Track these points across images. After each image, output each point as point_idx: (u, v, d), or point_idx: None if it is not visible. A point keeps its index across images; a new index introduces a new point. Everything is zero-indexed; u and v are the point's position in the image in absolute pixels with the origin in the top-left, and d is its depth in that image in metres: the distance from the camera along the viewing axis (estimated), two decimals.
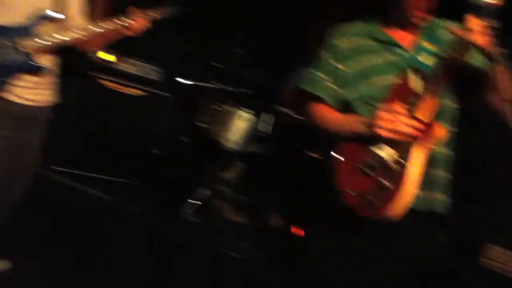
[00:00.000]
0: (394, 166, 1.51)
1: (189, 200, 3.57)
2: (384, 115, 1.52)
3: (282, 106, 3.86)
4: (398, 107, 1.53)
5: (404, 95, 1.56)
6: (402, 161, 1.50)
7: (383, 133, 1.51)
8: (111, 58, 3.72)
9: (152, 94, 3.86)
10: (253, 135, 3.81)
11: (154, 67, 3.85)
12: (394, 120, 1.50)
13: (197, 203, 3.58)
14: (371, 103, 1.67)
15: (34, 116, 2.28)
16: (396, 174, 1.50)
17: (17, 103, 2.18)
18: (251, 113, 3.83)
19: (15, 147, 2.24)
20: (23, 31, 2.10)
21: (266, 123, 3.84)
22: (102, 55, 3.62)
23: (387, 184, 1.51)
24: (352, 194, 1.58)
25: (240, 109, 3.83)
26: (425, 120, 1.51)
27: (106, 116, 3.71)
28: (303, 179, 3.33)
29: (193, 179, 3.71)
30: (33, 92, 2.21)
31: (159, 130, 3.90)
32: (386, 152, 1.53)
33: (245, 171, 3.66)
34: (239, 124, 3.83)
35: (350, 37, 1.78)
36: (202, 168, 3.81)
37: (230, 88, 3.92)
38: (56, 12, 2.15)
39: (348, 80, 1.73)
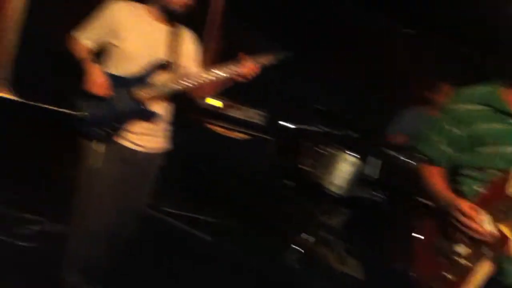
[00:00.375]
0: (463, 262, 1.55)
1: (292, 246, 3.48)
2: (467, 209, 1.56)
3: (388, 149, 3.66)
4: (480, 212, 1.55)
5: (498, 196, 1.56)
6: (471, 262, 1.53)
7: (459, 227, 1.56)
8: (218, 103, 3.83)
9: (256, 137, 3.87)
10: (359, 180, 3.65)
11: (259, 111, 3.89)
12: (474, 219, 1.53)
13: (300, 249, 3.47)
14: (478, 172, 1.70)
15: (146, 162, 2.35)
16: (462, 269, 1.54)
17: (130, 148, 2.28)
18: (356, 156, 3.71)
19: (125, 191, 2.33)
20: (139, 80, 2.23)
21: (373, 167, 3.66)
22: (209, 100, 3.74)
23: (451, 276, 1.55)
24: (419, 271, 1.68)
25: (345, 153, 3.71)
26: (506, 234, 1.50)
27: (211, 159, 3.78)
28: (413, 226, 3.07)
29: (297, 224, 3.61)
30: (146, 139, 2.30)
31: (263, 173, 3.87)
32: (461, 246, 1.58)
33: (351, 217, 3.46)
34: (344, 168, 3.71)
35: (467, 103, 1.78)
36: (305, 212, 3.70)
37: (335, 131, 3.81)
38: (170, 61, 2.26)
39: (462, 144, 1.76)
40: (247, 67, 2.15)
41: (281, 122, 3.99)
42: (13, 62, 3.69)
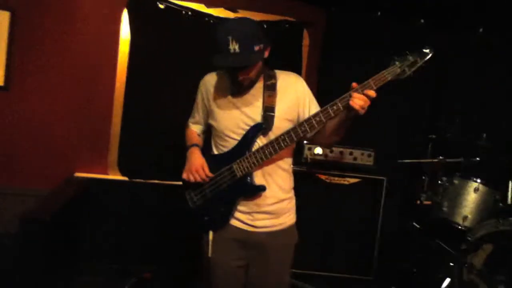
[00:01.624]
0: None
1: None
2: None
3: None
4: None
5: None
6: None
7: None
8: (318, 151, 3.67)
9: (366, 179, 3.63)
10: (496, 209, 3.24)
11: (366, 151, 3.67)
12: None
13: None
14: None
15: (264, 243, 2.09)
16: None
17: (246, 230, 2.08)
18: (483, 183, 3.33)
19: (257, 277, 2.13)
20: (239, 153, 2.04)
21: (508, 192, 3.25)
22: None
23: None
24: None
25: (472, 180, 3.35)
26: None
27: (323, 211, 3.59)
28: None
29: (434, 269, 3.26)
30: (259, 217, 2.07)
31: (385, 217, 3.60)
32: None
33: (496, 253, 3.04)
34: (473, 198, 3.34)
35: None
36: (442, 255, 3.34)
37: (454, 159, 3.47)
38: (262, 124, 2.03)
39: None
40: (360, 96, 1.84)
41: (397, 160, 3.69)
42: (119, 145, 3.86)
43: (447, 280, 3.17)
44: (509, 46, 4.07)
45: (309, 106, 2.11)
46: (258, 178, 2.04)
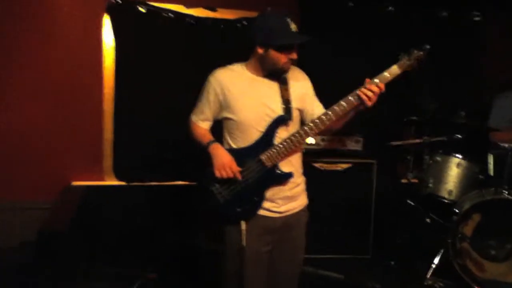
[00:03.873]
0: None
1: (432, 266, 3.36)
2: None
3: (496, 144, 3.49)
4: None
5: None
6: None
7: None
8: (309, 140, 3.83)
9: (357, 164, 3.81)
10: (478, 181, 3.50)
11: (354, 137, 3.86)
12: None
13: (437, 267, 3.34)
14: None
15: (290, 226, 2.26)
16: None
17: (272, 217, 2.21)
18: (464, 158, 3.57)
19: (280, 256, 2.28)
20: (264, 145, 2.14)
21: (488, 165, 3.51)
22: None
23: None
24: None
25: (453, 156, 3.59)
26: None
27: (319, 197, 3.73)
28: None
29: (428, 242, 3.49)
30: (285, 203, 2.21)
31: (378, 198, 3.80)
32: None
33: (484, 221, 3.29)
34: (455, 172, 3.58)
35: None
36: (435, 228, 3.57)
37: (436, 138, 3.70)
38: (288, 112, 2.16)
39: None
40: (371, 90, 2.02)
41: (386, 143, 3.89)
42: (113, 150, 3.89)
43: (441, 251, 3.41)
44: (475, 26, 4.36)
45: (313, 99, 2.31)
46: (284, 166, 2.17)
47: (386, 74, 2.09)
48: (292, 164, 2.22)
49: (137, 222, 3.76)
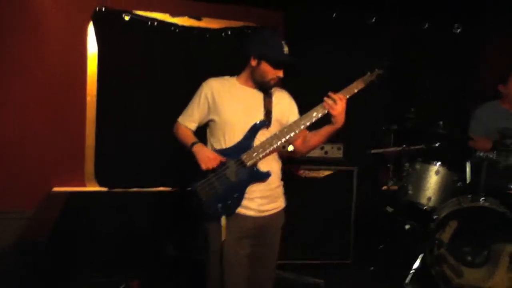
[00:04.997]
0: None
1: (411, 271, 3.42)
2: None
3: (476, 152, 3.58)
4: None
5: None
6: None
7: None
8: (290, 148, 3.87)
9: (338, 171, 3.88)
10: (456, 189, 3.58)
11: (335, 144, 3.93)
12: None
13: (416, 273, 3.41)
14: None
15: (268, 226, 2.41)
16: None
17: (252, 216, 2.35)
18: (443, 166, 3.65)
19: (258, 258, 2.41)
20: (244, 146, 2.33)
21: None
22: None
23: None
24: None
25: (432, 164, 3.67)
26: None
27: (301, 204, 3.78)
28: None
29: (407, 248, 3.55)
30: (263, 202, 2.37)
31: (358, 204, 3.87)
32: None
33: (461, 228, 3.36)
34: (434, 180, 3.66)
35: None
36: (413, 234, 3.64)
37: (416, 147, 3.78)
38: (268, 120, 2.37)
39: None
40: (336, 101, 2.21)
41: (368, 151, 3.96)
42: (95, 156, 3.89)
43: (420, 256, 3.47)
44: (455, 39, 4.48)
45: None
46: (262, 166, 2.34)
47: (351, 88, 2.32)
48: (271, 167, 2.38)
49: (120, 228, 3.76)
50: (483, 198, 3.31)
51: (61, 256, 3.31)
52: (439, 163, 3.66)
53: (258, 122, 2.34)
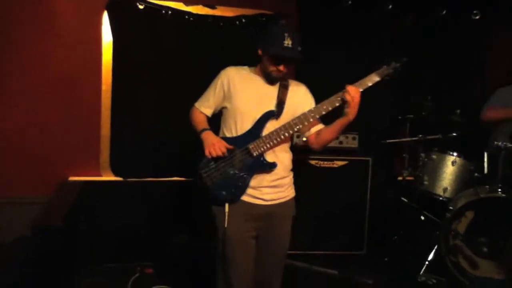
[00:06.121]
0: None
1: (425, 263, 3.39)
2: None
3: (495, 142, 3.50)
4: None
5: None
6: None
7: None
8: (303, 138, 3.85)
9: (353, 161, 3.85)
10: (472, 179, 3.52)
11: (350, 134, 3.89)
12: None
13: (430, 264, 3.38)
14: None
15: (274, 215, 2.40)
16: None
17: (256, 204, 2.36)
18: (459, 156, 3.60)
19: (265, 245, 2.42)
20: (253, 135, 2.34)
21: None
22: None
23: None
24: None
25: (449, 154, 3.62)
26: None
27: (315, 194, 3.77)
28: None
29: (422, 238, 3.52)
30: (269, 191, 2.37)
31: (373, 194, 3.84)
32: None
33: (477, 219, 3.32)
34: (451, 170, 3.61)
35: None
36: (429, 225, 3.61)
37: (433, 136, 3.73)
38: (279, 110, 2.37)
39: None
40: (350, 94, 2.22)
41: (382, 141, 3.93)
42: (110, 146, 3.92)
43: (435, 247, 3.44)
44: (469, 26, 4.39)
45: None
46: (269, 156, 2.35)
47: (366, 81, 2.33)
48: (278, 158, 2.38)
49: (134, 218, 3.79)
50: (500, 189, 3.26)
51: (76, 242, 3.36)
52: (455, 153, 3.61)
53: (267, 111, 2.34)
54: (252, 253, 2.39)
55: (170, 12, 3.95)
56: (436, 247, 3.44)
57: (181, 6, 4.00)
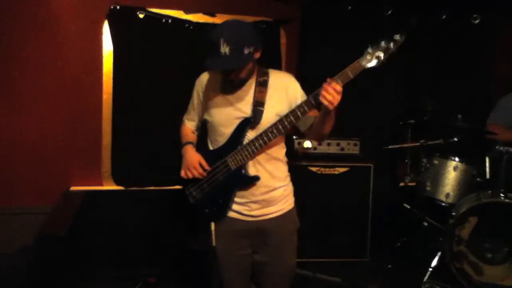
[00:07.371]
0: None
1: (429, 269, 3.37)
2: None
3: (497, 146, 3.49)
4: None
5: None
6: None
7: None
8: (306, 144, 3.85)
9: (354, 167, 3.83)
10: (475, 184, 3.51)
11: (352, 141, 3.88)
12: None
13: (434, 270, 3.36)
14: None
15: (269, 229, 2.19)
16: None
17: (245, 221, 2.18)
18: (461, 161, 3.59)
19: (263, 261, 2.25)
20: (231, 146, 2.13)
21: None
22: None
23: None
24: None
25: (451, 159, 3.60)
26: None
27: (317, 201, 3.75)
28: None
29: (426, 245, 3.50)
30: (256, 206, 2.16)
31: (375, 201, 3.83)
32: None
33: (481, 224, 3.30)
34: (453, 175, 3.60)
35: None
36: (432, 231, 3.59)
37: (434, 142, 3.72)
38: (250, 118, 2.11)
39: None
40: (327, 99, 1.87)
41: (384, 147, 3.92)
42: (111, 155, 3.92)
43: (439, 254, 3.42)
44: (472, 30, 4.38)
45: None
46: (251, 169, 2.13)
47: (347, 70, 1.98)
48: (265, 169, 2.15)
49: (136, 226, 3.78)
50: (503, 194, 3.24)
51: (78, 251, 3.36)
52: (457, 158, 3.59)
53: (243, 119, 2.09)
54: (247, 270, 2.27)
55: (170, 20, 3.96)
56: (439, 253, 3.42)
57: (181, 15, 4.01)
